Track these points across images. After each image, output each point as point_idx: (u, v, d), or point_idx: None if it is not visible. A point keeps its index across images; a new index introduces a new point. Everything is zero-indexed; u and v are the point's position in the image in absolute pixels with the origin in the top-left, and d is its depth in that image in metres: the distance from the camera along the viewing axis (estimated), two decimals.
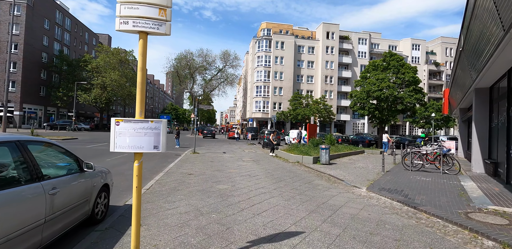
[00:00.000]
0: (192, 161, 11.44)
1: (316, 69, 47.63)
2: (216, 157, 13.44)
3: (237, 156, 14.17)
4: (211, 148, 18.69)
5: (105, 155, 12.14)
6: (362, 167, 11.11)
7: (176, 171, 8.87)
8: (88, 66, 41.58)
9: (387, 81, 23.26)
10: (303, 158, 11.49)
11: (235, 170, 9.28)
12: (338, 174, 9.16)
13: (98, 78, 41.07)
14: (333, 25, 47.66)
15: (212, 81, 53.85)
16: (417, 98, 22.59)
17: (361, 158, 15.03)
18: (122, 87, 42.72)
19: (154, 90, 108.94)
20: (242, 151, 16.94)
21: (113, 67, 42.48)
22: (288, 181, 7.65)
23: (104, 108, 47.20)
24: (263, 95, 45.45)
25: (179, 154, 14.40)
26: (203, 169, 9.33)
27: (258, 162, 11.68)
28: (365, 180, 8.16)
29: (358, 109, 25.93)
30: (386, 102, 23.67)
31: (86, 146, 16.13)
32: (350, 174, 9.24)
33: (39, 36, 40.09)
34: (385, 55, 25.09)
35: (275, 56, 45.28)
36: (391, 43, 53.65)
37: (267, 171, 9.27)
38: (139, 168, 2.60)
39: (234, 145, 23.63)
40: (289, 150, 13.88)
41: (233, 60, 51.84)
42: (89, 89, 41.34)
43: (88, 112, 55.76)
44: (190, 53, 50.53)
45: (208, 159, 12.32)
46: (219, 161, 11.68)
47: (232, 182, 7.31)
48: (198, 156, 13.39)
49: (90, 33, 56.12)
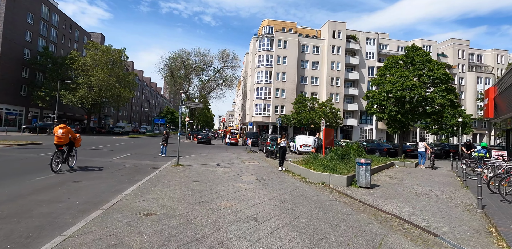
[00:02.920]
0: (167, 181, 7.76)
1: (322, 70, 44.25)
2: (205, 172, 9.75)
3: (234, 170, 10.49)
4: (202, 157, 14.98)
5: (37, 169, 8.39)
6: (425, 193, 7.42)
7: (128, 204, 5.18)
8: (74, 64, 38.00)
9: (413, 80, 19.77)
10: (332, 177, 7.82)
11: (230, 204, 5.60)
12: (406, 211, 5.52)
13: (85, 77, 37.45)
14: (339, 23, 44.50)
15: (210, 83, 50.32)
16: (450, 99, 19.09)
17: (401, 174, 11.37)
18: (111, 88, 39.05)
19: (151, 93, 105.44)
20: (241, 162, 13.25)
21: (103, 66, 38.88)
22: (332, 236, 3.98)
23: (92, 110, 43.45)
24: (264, 97, 41.91)
25: (158, 166, 10.73)
26: (177, 200, 5.66)
27: (265, 183, 8.00)
28: (471, 230, 4.51)
29: (375, 112, 22.36)
30: (411, 104, 20.13)
31: (38, 154, 12.41)
32: (425, 211, 5.60)
33: (20, 30, 36.60)
34: (408, 50, 21.65)
35: (277, 55, 41.91)
36: (400, 44, 50.50)
37: (283, 206, 5.58)
38: None
39: (232, 152, 19.93)
40: (306, 163, 10.20)
41: (232, 61, 48.45)
42: (75, 89, 37.67)
43: (76, 114, 52.04)
44: (186, 53, 47.14)
45: (192, 177, 8.64)
46: (207, 181, 8.00)
47: (221, 244, 3.63)
48: (180, 171, 9.70)
49: (80, 30, 52.78)
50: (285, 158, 15.26)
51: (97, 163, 10.74)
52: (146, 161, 12.58)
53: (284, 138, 10.73)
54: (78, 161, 9.95)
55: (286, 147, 10.91)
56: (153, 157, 14.37)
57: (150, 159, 13.25)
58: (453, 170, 13.46)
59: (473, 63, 52.80)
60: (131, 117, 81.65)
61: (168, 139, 15.32)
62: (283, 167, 10.96)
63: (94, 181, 7.47)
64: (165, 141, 15.06)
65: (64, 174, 8.11)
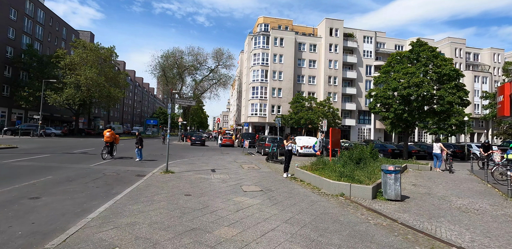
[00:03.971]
0: (152, 194, 6.28)
1: (319, 69, 43.06)
2: (198, 181, 8.29)
3: (233, 178, 9.04)
4: (195, 162, 13.47)
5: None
6: (472, 208, 6.01)
7: (90, 236, 3.69)
8: (60, 63, 36.03)
9: (420, 76, 18.60)
10: (353, 188, 6.42)
11: (232, 232, 4.15)
12: (471, 240, 4.13)
13: (72, 76, 35.52)
14: (337, 21, 43.39)
15: (203, 83, 48.68)
16: (460, 96, 17.97)
17: (422, 179, 10.04)
18: (100, 87, 37.16)
19: (143, 94, 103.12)
20: (240, 167, 11.81)
21: (91, 65, 36.99)
22: None
23: (80, 111, 41.45)
24: (260, 97, 40.49)
25: (143, 174, 9.22)
26: (160, 228, 4.19)
27: (272, 196, 6.56)
28: None
29: (380, 111, 21.14)
30: (419, 102, 18.96)
31: (5, 160, 10.77)
32: (493, 238, 4.21)
33: (2, 27, 34.58)
34: (413, 45, 20.49)
35: (273, 53, 40.56)
36: (398, 42, 49.66)
37: (305, 235, 4.11)
38: None
39: (227, 155, 18.46)
40: (315, 168, 8.79)
41: (226, 60, 47.00)
42: (61, 89, 35.69)
43: (64, 115, 49.91)
44: (179, 51, 45.47)
45: (183, 188, 7.16)
46: (201, 194, 6.53)
47: None
48: (169, 180, 8.21)
49: (68, 28, 50.66)
50: (279, 159, 13.92)
51: (71, 171, 9.19)
52: (131, 166, 11.04)
53: (290, 139, 9.31)
54: (47, 169, 8.40)
55: (292, 150, 9.49)
56: (140, 161, 12.83)
57: (136, 164, 11.71)
58: (473, 173, 12.23)
59: (470, 62, 52.25)
60: (123, 118, 79.37)
61: (142, 141, 13.25)
62: (289, 173, 9.55)
63: (58, 196, 5.95)
64: (139, 143, 13.04)
65: (25, 187, 6.57)
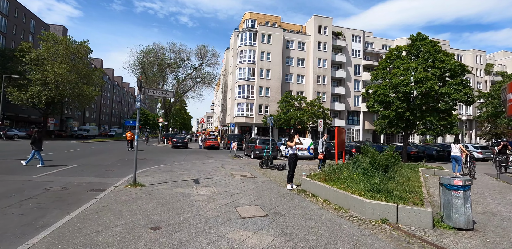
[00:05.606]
0: (99, 229, 4.00)
1: (307, 68, 41.51)
2: (175, 199, 6.03)
3: (223, 192, 6.85)
4: (174, 168, 11.11)
5: None
6: None
7: None
8: (25, 57, 32.34)
9: (423, 72, 17.18)
10: (401, 210, 4.43)
11: None
12: None
13: (38, 72, 31.94)
14: (325, 18, 42.08)
15: (186, 81, 45.90)
16: (467, 93, 16.68)
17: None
18: (71, 85, 33.73)
19: (123, 93, 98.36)
20: (229, 176, 9.60)
21: (61, 60, 33.50)
22: None
23: (50, 110, 37.63)
24: (246, 96, 38.35)
25: (102, 188, 6.85)
26: None
27: (286, 227, 4.44)
28: None
29: (378, 109, 19.59)
30: (422, 99, 17.53)
31: None
32: None
33: None
34: (413, 39, 19.10)
35: (260, 51, 38.59)
36: (385, 42, 49.14)
37: None
38: None
39: (213, 159, 16.16)
40: (330, 179, 6.74)
41: (211, 57, 44.48)
42: (25, 86, 32.03)
43: (32, 116, 45.68)
44: (160, 47, 42.53)
45: (151, 213, 4.90)
46: (177, 225, 4.31)
47: None
48: (134, 198, 5.91)
49: (37, 21, 46.53)
50: (275, 164, 11.79)
51: (4, 184, 6.69)
52: (90, 177, 8.59)
53: (297, 140, 7.21)
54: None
55: (297, 154, 7.41)
56: (105, 169, 10.36)
57: (98, 174, 9.25)
58: (499, 178, 10.68)
59: None
60: (100, 119, 74.78)
61: (39, 141, 10.15)
62: (293, 184, 7.47)
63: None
64: (33, 144, 10.02)
65: None
